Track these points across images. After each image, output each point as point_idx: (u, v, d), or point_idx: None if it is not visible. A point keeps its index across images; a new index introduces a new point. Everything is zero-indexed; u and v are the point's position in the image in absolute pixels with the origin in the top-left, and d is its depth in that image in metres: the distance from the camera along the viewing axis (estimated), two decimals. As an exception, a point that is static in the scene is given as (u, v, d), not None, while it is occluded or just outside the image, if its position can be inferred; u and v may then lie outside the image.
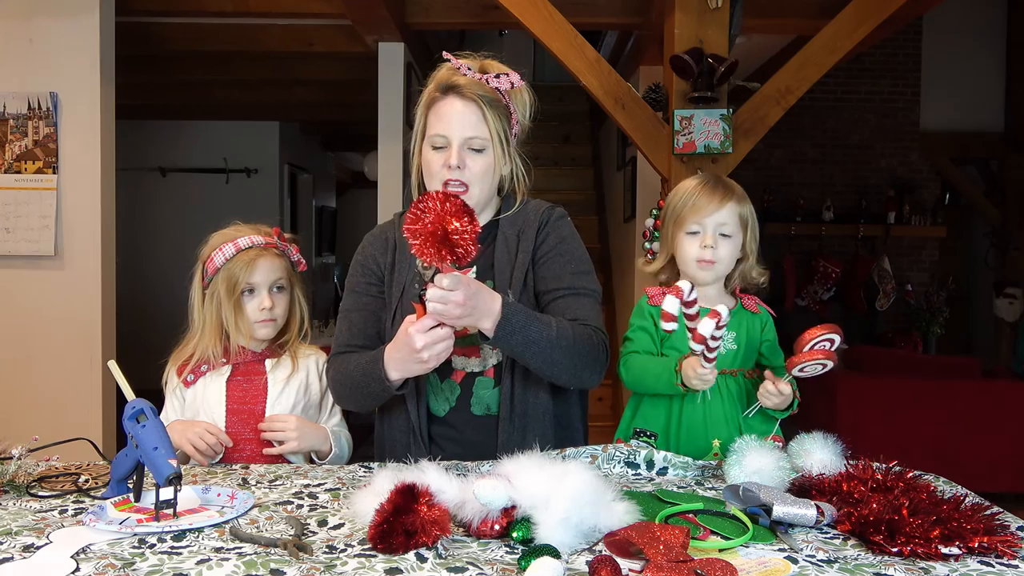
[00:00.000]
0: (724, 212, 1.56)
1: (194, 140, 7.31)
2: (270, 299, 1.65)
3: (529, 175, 1.59)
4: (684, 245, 1.59)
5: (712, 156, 3.19)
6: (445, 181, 1.48)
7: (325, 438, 1.65)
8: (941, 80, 6.81)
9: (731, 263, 1.60)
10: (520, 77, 1.51)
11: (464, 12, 4.31)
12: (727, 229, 1.57)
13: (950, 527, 1.00)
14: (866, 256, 6.67)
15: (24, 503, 1.21)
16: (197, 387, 1.66)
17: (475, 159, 1.49)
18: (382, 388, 1.45)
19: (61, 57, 3.58)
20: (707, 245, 1.55)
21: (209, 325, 1.65)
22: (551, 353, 1.41)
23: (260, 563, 0.95)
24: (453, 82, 1.48)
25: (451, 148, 1.48)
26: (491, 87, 1.49)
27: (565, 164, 7.43)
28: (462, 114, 1.47)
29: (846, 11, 3.27)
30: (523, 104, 1.55)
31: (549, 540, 0.98)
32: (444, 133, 1.48)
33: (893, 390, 4.28)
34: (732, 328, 1.59)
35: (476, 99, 1.47)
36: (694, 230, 1.57)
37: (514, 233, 1.55)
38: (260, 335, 1.67)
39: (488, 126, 1.48)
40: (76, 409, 3.59)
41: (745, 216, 1.59)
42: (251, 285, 1.64)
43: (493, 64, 1.54)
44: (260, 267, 1.64)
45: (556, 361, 1.43)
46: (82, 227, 3.60)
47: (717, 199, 1.56)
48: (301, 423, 1.62)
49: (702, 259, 1.56)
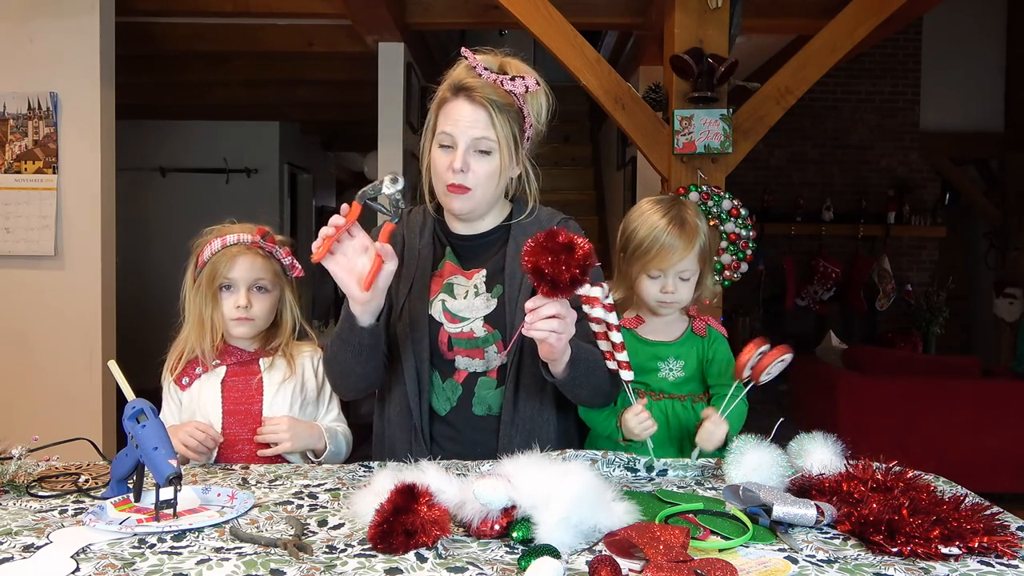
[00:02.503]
0: (687, 260, 1.58)
1: (194, 140, 7.30)
2: (246, 298, 1.62)
3: (537, 178, 1.58)
4: (645, 285, 1.62)
5: (712, 156, 3.19)
6: (448, 182, 1.48)
7: (319, 436, 1.64)
8: (941, 80, 6.82)
9: (690, 295, 1.64)
10: (536, 80, 1.49)
11: (464, 12, 4.31)
12: (687, 274, 1.60)
13: (950, 527, 1.00)
14: (866, 256, 6.67)
15: (24, 503, 1.21)
16: (193, 390, 1.65)
17: (480, 162, 1.47)
18: (350, 329, 1.44)
19: (61, 57, 3.57)
20: (668, 291, 1.60)
21: (194, 318, 1.65)
22: (600, 378, 1.46)
23: (260, 563, 0.95)
24: (465, 84, 1.46)
25: (457, 149, 1.46)
26: (505, 90, 1.46)
27: (565, 164, 7.44)
28: (470, 116, 1.45)
29: (846, 11, 3.27)
30: (538, 107, 1.53)
31: (549, 540, 0.98)
32: (451, 133, 1.46)
33: (893, 390, 4.28)
34: (680, 356, 1.64)
35: (485, 103, 1.44)
36: (655, 275, 1.60)
37: (526, 240, 1.55)
38: (235, 333, 1.65)
39: (496, 130, 1.45)
40: (76, 409, 3.58)
41: (705, 251, 1.61)
42: (229, 281, 1.62)
43: (512, 63, 1.51)
44: (240, 264, 1.62)
45: (600, 386, 1.48)
46: (82, 227, 3.60)
47: (680, 248, 1.57)
48: (293, 423, 1.61)
49: (662, 301, 1.61)
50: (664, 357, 1.64)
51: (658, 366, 1.63)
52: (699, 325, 1.67)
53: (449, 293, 1.53)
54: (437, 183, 1.51)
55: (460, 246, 1.59)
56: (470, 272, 1.55)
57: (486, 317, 1.51)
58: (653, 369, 1.64)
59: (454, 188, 1.47)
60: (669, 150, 3.23)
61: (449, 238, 1.60)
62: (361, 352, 1.47)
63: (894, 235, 6.74)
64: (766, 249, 6.40)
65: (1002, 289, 6.37)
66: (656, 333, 1.66)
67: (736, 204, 3.16)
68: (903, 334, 6.58)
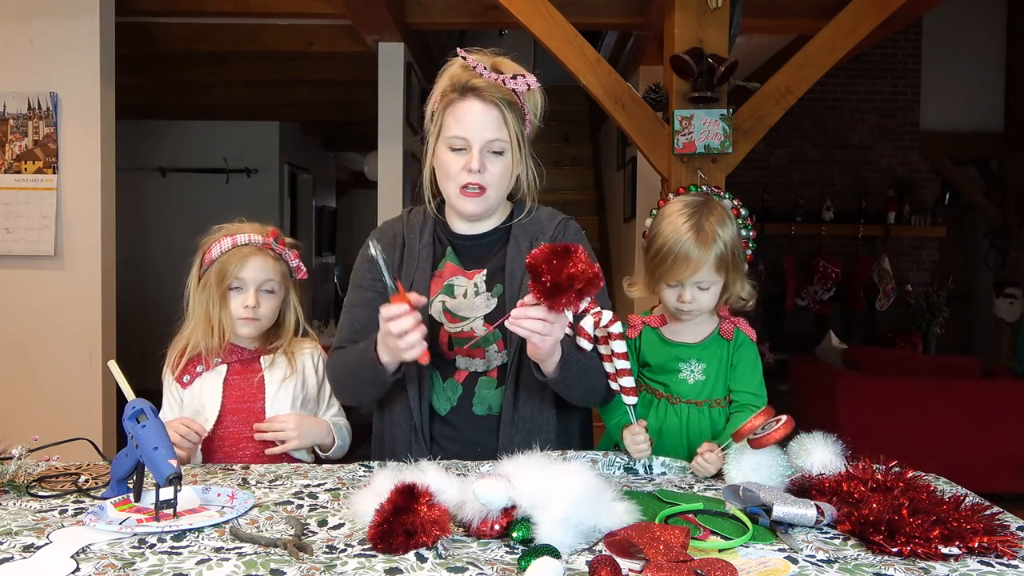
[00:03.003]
0: (701, 272, 1.52)
1: (194, 140, 7.30)
2: (255, 298, 1.63)
3: (541, 178, 1.58)
4: (664, 291, 1.58)
5: (712, 156, 3.19)
6: (463, 184, 1.48)
7: (327, 431, 1.65)
8: (941, 80, 6.81)
9: (714, 301, 1.58)
10: (536, 79, 1.49)
11: (464, 12, 4.31)
12: (705, 284, 1.55)
13: (950, 527, 1.00)
14: (866, 256, 6.67)
15: (24, 503, 1.21)
16: (194, 388, 1.66)
17: (495, 162, 1.48)
18: (375, 372, 1.45)
19: (61, 57, 3.58)
20: (685, 301, 1.55)
21: (199, 315, 1.65)
22: (594, 379, 1.46)
23: (260, 563, 0.95)
24: (472, 84, 1.46)
25: (471, 151, 1.46)
26: (508, 88, 1.47)
27: (565, 164, 7.44)
28: (483, 117, 1.45)
29: (846, 11, 3.27)
30: (535, 104, 1.54)
31: (549, 540, 0.98)
32: (464, 135, 1.46)
33: (893, 390, 4.28)
34: (702, 359, 1.60)
35: (497, 102, 1.45)
36: (673, 284, 1.56)
37: (526, 240, 1.55)
38: (241, 332, 1.66)
39: (508, 129, 1.46)
40: (76, 409, 3.58)
41: (725, 258, 1.54)
42: (239, 281, 1.63)
43: (505, 63, 1.51)
44: (251, 265, 1.63)
45: (596, 388, 1.47)
46: (82, 227, 3.60)
47: (694, 259, 1.51)
48: (301, 420, 1.62)
49: (681, 310, 1.57)
50: (686, 359, 1.60)
51: (679, 367, 1.60)
52: (727, 327, 1.62)
53: (449, 293, 1.54)
54: (449, 185, 1.51)
55: (461, 246, 1.59)
56: (471, 272, 1.55)
57: (486, 316, 1.51)
58: (674, 370, 1.61)
59: (470, 190, 1.48)
60: (669, 150, 3.23)
61: (450, 238, 1.60)
62: (383, 388, 1.51)
63: (894, 235, 6.74)
64: (766, 249, 6.39)
65: (1002, 289, 6.36)
66: (680, 334, 1.63)
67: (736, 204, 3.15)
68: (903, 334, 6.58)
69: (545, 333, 1.30)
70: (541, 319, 1.28)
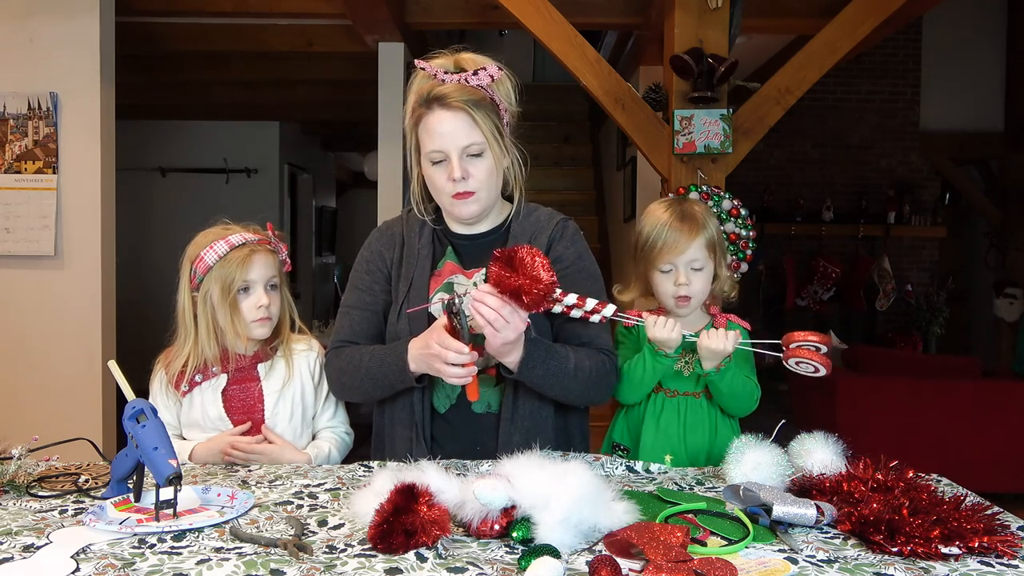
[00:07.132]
0: (693, 248, 1.59)
1: (194, 140, 7.31)
2: (267, 296, 1.60)
3: (525, 165, 1.57)
4: (659, 282, 1.63)
5: (712, 156, 3.19)
6: (453, 194, 1.48)
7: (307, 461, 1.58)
8: (941, 80, 6.81)
9: (706, 291, 1.63)
10: (498, 67, 1.49)
11: (464, 12, 4.30)
12: (698, 264, 1.60)
13: (950, 527, 1.00)
14: (866, 256, 6.67)
15: (24, 503, 1.21)
16: (194, 398, 1.62)
17: (476, 164, 1.48)
18: (401, 379, 1.47)
19: (61, 57, 3.58)
20: (681, 283, 1.59)
21: (204, 329, 1.59)
22: (568, 383, 1.47)
23: (260, 563, 0.95)
24: (436, 93, 1.45)
25: (451, 161, 1.46)
26: (473, 86, 1.46)
27: (565, 164, 7.43)
28: (452, 125, 1.45)
29: (846, 11, 3.27)
30: (506, 91, 1.53)
31: (549, 540, 0.98)
32: (440, 148, 1.46)
33: (893, 390, 4.28)
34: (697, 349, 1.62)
35: (463, 106, 1.44)
36: (666, 269, 1.60)
37: (525, 239, 1.55)
38: (256, 335, 1.61)
39: (481, 129, 1.46)
40: (76, 409, 3.58)
41: (713, 241, 1.62)
42: (247, 283, 1.58)
43: (467, 58, 1.51)
44: (256, 264, 1.59)
45: (571, 390, 1.48)
46: (82, 227, 3.60)
47: (685, 237, 1.58)
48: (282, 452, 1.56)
49: (678, 296, 1.60)
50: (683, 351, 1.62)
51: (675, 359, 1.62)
52: (720, 322, 1.65)
53: (448, 290, 1.54)
54: (440, 197, 1.53)
55: (461, 246, 1.59)
56: (470, 272, 1.56)
57: None
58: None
59: (459, 196, 1.48)
60: (669, 150, 3.23)
61: (450, 237, 1.60)
62: (395, 391, 1.52)
63: (894, 235, 6.74)
64: (766, 249, 6.39)
65: (1002, 289, 6.36)
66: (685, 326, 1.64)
67: (736, 204, 3.16)
68: (903, 334, 6.58)
69: (497, 328, 1.32)
70: (495, 310, 1.31)
